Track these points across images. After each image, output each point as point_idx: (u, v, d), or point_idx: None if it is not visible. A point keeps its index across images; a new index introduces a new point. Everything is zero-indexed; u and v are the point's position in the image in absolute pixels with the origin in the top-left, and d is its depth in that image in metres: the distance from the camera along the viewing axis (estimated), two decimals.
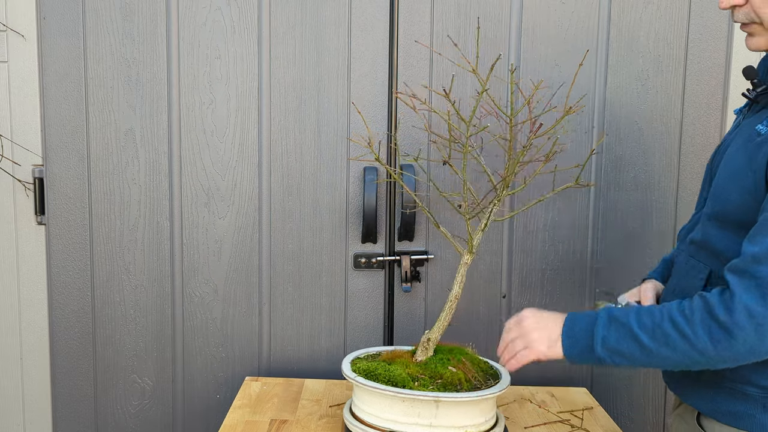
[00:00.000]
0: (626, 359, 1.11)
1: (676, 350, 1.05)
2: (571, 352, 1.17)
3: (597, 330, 1.13)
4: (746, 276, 1.00)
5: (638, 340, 1.08)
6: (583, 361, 1.17)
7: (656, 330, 1.07)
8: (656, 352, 1.07)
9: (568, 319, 1.19)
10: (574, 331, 1.17)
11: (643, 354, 1.09)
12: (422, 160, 1.81)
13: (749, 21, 1.14)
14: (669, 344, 1.05)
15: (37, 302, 1.88)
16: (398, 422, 1.34)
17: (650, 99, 1.81)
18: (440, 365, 1.39)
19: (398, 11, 1.77)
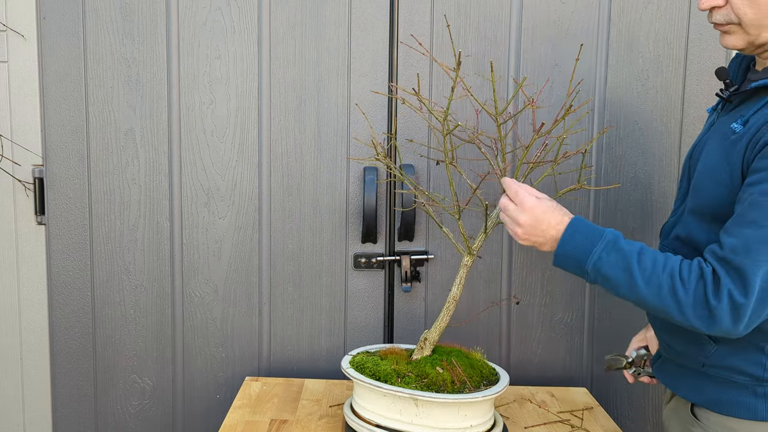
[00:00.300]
0: (609, 285, 1.15)
1: (661, 301, 1.10)
2: (561, 258, 1.19)
3: (597, 247, 1.15)
4: (729, 266, 1.06)
5: (632, 276, 1.12)
6: (566, 266, 1.20)
7: (653, 276, 1.10)
8: (642, 293, 1.11)
9: (570, 229, 1.19)
10: (572, 244, 1.18)
11: (628, 289, 1.13)
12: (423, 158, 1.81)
13: (727, 22, 1.17)
14: (658, 294, 1.10)
15: (37, 302, 1.88)
16: (383, 417, 1.35)
17: (650, 99, 1.81)
18: (429, 365, 1.38)
19: (398, 11, 1.77)
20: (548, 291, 1.85)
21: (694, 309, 1.07)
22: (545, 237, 1.22)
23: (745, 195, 1.08)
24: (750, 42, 1.15)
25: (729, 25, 1.16)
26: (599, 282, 1.16)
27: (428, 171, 1.81)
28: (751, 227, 1.05)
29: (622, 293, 1.14)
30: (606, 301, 1.85)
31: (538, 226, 1.22)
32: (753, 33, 1.14)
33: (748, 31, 1.14)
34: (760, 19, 1.12)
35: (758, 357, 1.15)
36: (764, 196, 1.04)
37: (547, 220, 1.21)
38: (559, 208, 1.23)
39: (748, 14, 1.13)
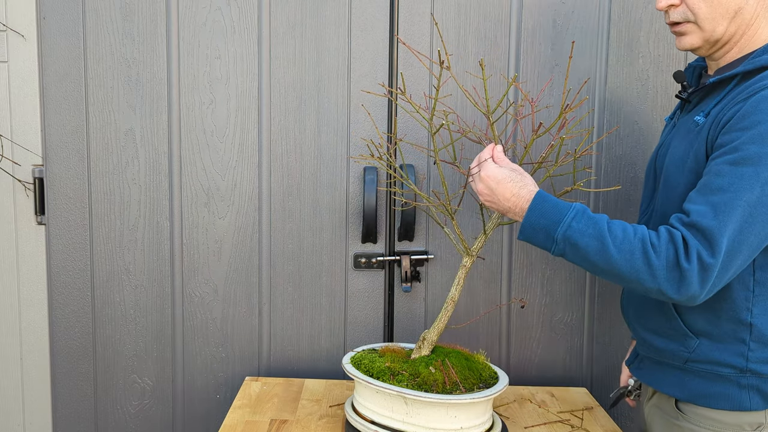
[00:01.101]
0: (578, 254, 1.14)
1: (632, 267, 1.10)
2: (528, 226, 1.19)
3: (567, 216, 1.15)
4: (695, 230, 1.08)
5: (603, 243, 1.11)
6: (533, 237, 1.19)
7: (624, 243, 1.11)
8: (614, 259, 1.10)
9: (537, 199, 1.20)
10: (542, 209, 1.18)
11: (599, 256, 1.12)
12: (423, 158, 1.81)
13: (684, 20, 1.22)
14: (630, 260, 1.10)
15: (37, 302, 1.88)
16: (377, 414, 1.36)
17: (650, 99, 1.81)
18: (423, 365, 1.38)
19: (398, 11, 1.77)
20: (548, 291, 1.85)
21: (666, 272, 1.08)
22: (502, 207, 1.24)
23: (708, 167, 1.12)
24: (706, 39, 1.21)
25: (685, 24, 1.22)
26: (566, 251, 1.16)
27: (428, 171, 1.81)
28: (716, 194, 1.08)
29: (591, 260, 1.13)
30: (606, 301, 1.85)
31: (494, 195, 1.25)
32: (708, 29, 1.19)
33: (702, 27, 1.20)
34: (713, 14, 1.18)
35: (740, 348, 1.18)
36: (727, 165, 1.09)
37: (502, 191, 1.24)
38: (519, 179, 1.24)
39: (702, 9, 1.19)
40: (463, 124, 1.76)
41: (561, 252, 1.17)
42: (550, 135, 1.74)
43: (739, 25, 1.19)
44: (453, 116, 1.76)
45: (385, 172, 1.79)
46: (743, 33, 1.20)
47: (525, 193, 1.22)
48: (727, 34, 1.20)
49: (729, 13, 1.18)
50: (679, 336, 1.24)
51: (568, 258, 1.17)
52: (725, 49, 1.23)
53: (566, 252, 1.16)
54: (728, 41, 1.21)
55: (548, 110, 1.78)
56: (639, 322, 1.34)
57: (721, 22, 1.19)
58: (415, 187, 1.51)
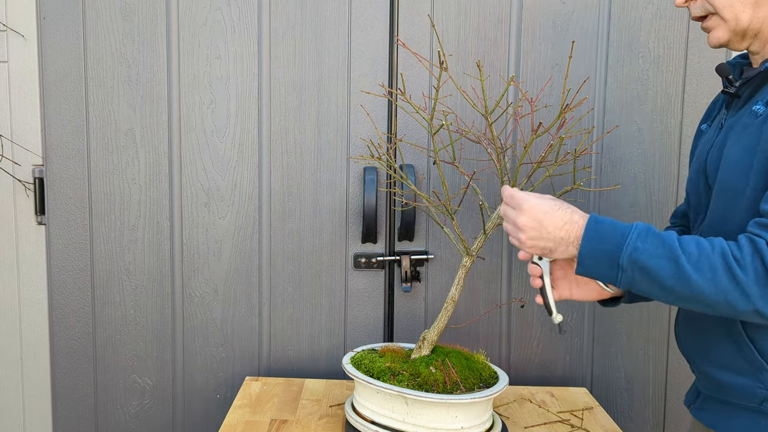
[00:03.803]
0: (650, 280, 0.98)
1: (717, 286, 0.94)
2: (587, 257, 1.03)
3: (631, 236, 1.00)
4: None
5: (677, 263, 0.95)
6: (595, 267, 1.03)
7: (701, 259, 0.95)
8: (694, 281, 0.95)
9: (592, 223, 1.05)
10: (600, 231, 1.03)
11: (676, 279, 0.96)
12: (423, 158, 1.81)
13: (706, 13, 1.14)
14: (713, 279, 0.94)
15: (37, 302, 1.88)
16: (378, 414, 1.36)
17: (650, 99, 1.81)
18: (424, 365, 1.38)
19: (398, 11, 1.77)
20: None
21: (758, 287, 0.92)
22: (554, 239, 1.07)
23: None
24: (732, 30, 1.11)
25: (709, 17, 1.13)
26: (636, 278, 0.99)
27: (428, 171, 1.81)
28: None
29: (667, 286, 0.97)
30: None
31: (542, 228, 1.08)
32: (730, 18, 1.10)
33: (724, 17, 1.10)
34: (731, 1, 1.09)
35: None
36: None
37: (552, 220, 1.08)
38: (566, 206, 1.09)
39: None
40: (463, 124, 1.76)
41: (630, 280, 1.00)
42: (549, 135, 1.74)
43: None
44: (452, 116, 1.76)
45: (385, 172, 1.79)
46: None
47: (578, 218, 1.06)
48: (755, 21, 1.09)
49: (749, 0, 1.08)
50: (754, 370, 1.04)
51: (640, 288, 1.00)
52: (762, 38, 1.11)
53: (635, 280, 0.99)
54: (761, 30, 1.10)
55: (548, 110, 1.78)
56: (701, 354, 1.15)
57: (744, 9, 1.08)
58: (415, 188, 1.51)
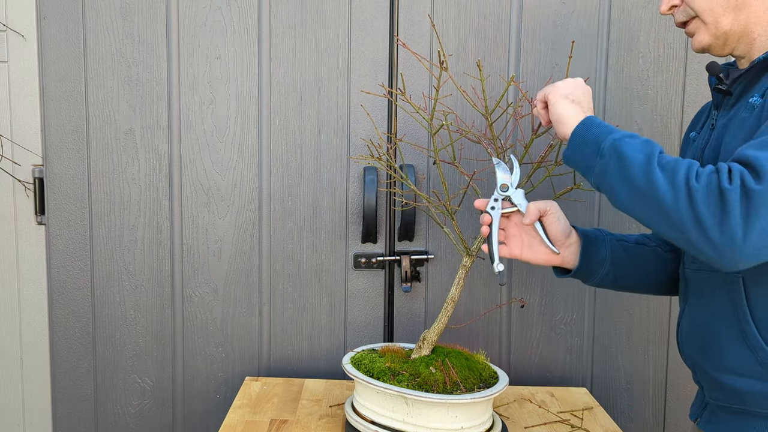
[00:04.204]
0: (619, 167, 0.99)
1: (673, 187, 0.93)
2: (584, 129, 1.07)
3: (621, 132, 1.04)
4: (741, 162, 0.92)
5: (650, 158, 0.97)
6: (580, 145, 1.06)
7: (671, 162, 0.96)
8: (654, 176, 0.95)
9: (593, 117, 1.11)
10: (600, 121, 1.08)
11: (640, 171, 0.96)
12: (423, 158, 1.81)
13: (688, 18, 1.16)
14: (672, 180, 0.94)
15: (37, 302, 1.88)
16: (378, 414, 1.36)
17: (650, 99, 1.81)
18: (424, 365, 1.38)
19: (398, 11, 1.77)
20: (548, 291, 1.85)
21: (705, 194, 0.90)
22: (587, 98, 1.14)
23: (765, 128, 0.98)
24: (713, 35, 1.12)
25: (691, 21, 1.15)
26: (610, 162, 1.00)
27: (428, 171, 1.81)
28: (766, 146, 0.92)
29: (631, 175, 0.97)
30: (606, 301, 1.85)
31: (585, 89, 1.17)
32: (710, 21, 1.11)
33: (704, 20, 1.12)
34: (710, 5, 1.11)
35: None
36: None
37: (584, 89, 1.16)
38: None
39: (697, 2, 1.12)
40: (463, 124, 1.76)
41: (604, 166, 1.01)
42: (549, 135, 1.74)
43: (750, 14, 1.09)
44: (452, 116, 1.76)
45: (385, 172, 1.79)
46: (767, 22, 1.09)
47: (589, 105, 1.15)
48: (736, 25, 1.10)
49: (728, 3, 1.10)
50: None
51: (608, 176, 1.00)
52: (746, 42, 1.12)
53: (609, 165, 1.00)
54: (744, 33, 1.11)
55: None
56: (710, 361, 1.10)
57: (724, 14, 1.10)
58: (415, 188, 1.51)
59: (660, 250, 1.32)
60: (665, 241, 1.34)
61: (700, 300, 1.15)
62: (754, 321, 1.04)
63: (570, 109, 1.12)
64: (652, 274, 1.32)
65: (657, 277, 1.33)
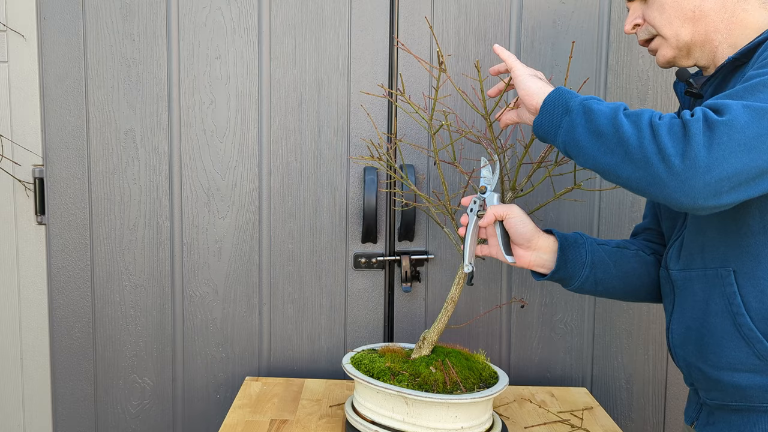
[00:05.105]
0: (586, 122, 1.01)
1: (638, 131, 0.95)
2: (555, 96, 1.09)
3: (589, 96, 1.07)
4: (705, 107, 0.93)
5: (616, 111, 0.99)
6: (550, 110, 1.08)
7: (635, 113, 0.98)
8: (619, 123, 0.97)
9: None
10: (565, 89, 1.10)
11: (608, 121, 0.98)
12: (423, 158, 1.81)
13: (650, 36, 1.19)
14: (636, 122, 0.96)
15: (37, 302, 1.88)
16: (378, 414, 1.36)
17: (650, 100, 1.81)
18: (424, 365, 1.38)
19: (398, 11, 1.77)
20: (548, 291, 1.85)
21: (668, 129, 0.92)
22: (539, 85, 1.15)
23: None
24: (675, 47, 1.15)
25: (652, 40, 1.19)
26: (578, 118, 1.03)
27: (428, 171, 1.81)
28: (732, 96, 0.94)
29: (597, 127, 0.99)
30: (606, 301, 1.85)
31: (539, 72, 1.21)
32: (669, 35, 1.14)
33: (664, 35, 1.15)
34: (668, 19, 1.13)
35: None
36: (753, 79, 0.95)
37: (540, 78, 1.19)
38: None
39: (656, 17, 1.15)
40: (463, 124, 1.76)
41: (571, 122, 1.03)
42: None
43: (708, 24, 1.11)
44: (452, 117, 1.76)
45: (385, 172, 1.79)
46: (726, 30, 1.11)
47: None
48: (697, 36, 1.13)
49: (686, 15, 1.12)
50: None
51: (575, 132, 1.03)
52: (708, 50, 1.14)
53: (576, 121, 1.02)
54: (705, 42, 1.13)
55: None
56: (707, 360, 1.09)
57: (682, 26, 1.12)
58: (415, 188, 1.51)
59: (642, 254, 1.33)
60: (647, 245, 1.36)
61: (689, 300, 1.14)
62: (748, 313, 1.03)
63: (539, 83, 1.15)
64: (634, 277, 1.32)
65: (639, 281, 1.32)
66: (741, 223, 1.04)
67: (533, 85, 1.14)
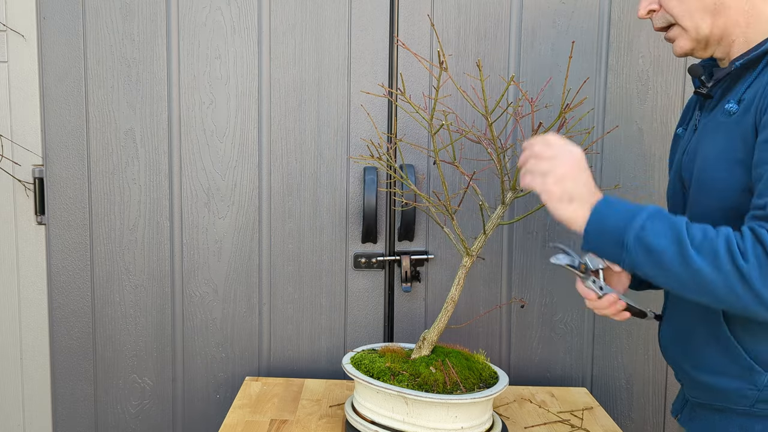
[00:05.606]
0: (652, 262, 0.97)
1: (719, 271, 0.93)
2: (595, 228, 1.02)
3: (639, 216, 0.99)
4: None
5: (681, 245, 0.95)
6: (599, 243, 1.03)
7: (705, 242, 0.94)
8: (694, 266, 0.94)
9: (607, 198, 1.05)
10: (610, 211, 1.02)
11: (677, 263, 0.95)
12: (423, 158, 1.81)
13: (667, 24, 1.15)
14: (715, 263, 0.93)
15: (37, 302, 1.88)
16: (378, 414, 1.36)
17: (650, 99, 1.81)
18: (424, 365, 1.38)
19: (398, 11, 1.77)
20: (548, 291, 1.85)
21: (759, 272, 0.90)
22: (581, 188, 1.04)
23: (763, 155, 0.97)
24: (694, 39, 1.12)
25: (671, 28, 1.15)
26: (640, 259, 0.98)
27: (428, 171, 1.81)
28: None
29: (670, 268, 0.96)
30: None
31: (579, 170, 1.05)
32: (689, 27, 1.11)
33: (684, 26, 1.12)
34: (689, 11, 1.10)
35: None
36: None
37: (586, 169, 1.06)
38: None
39: (676, 7, 1.12)
40: (463, 124, 1.76)
41: (632, 260, 0.99)
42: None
43: (729, 17, 1.09)
44: (452, 116, 1.76)
45: (385, 172, 1.79)
46: (745, 23, 1.09)
47: (595, 188, 1.06)
48: (716, 29, 1.10)
49: (707, 7, 1.09)
50: (743, 371, 1.05)
51: (642, 268, 0.99)
52: (725, 44, 1.12)
53: (638, 259, 0.98)
54: (723, 36, 1.11)
55: (548, 110, 1.78)
56: (689, 361, 1.14)
57: (703, 18, 1.10)
58: (415, 188, 1.50)
59: None
60: None
61: (679, 303, 1.18)
62: (726, 322, 1.07)
63: (569, 211, 1.06)
64: None
65: None
66: None
67: (566, 215, 1.06)
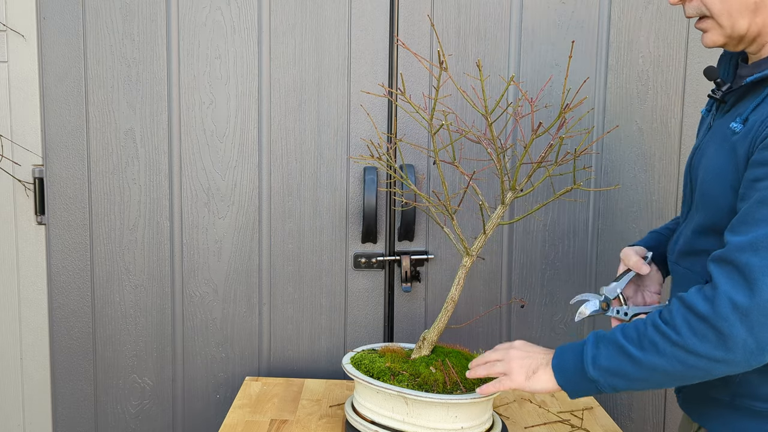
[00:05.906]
0: (621, 378, 1.06)
1: (666, 356, 1.00)
2: (564, 379, 1.13)
3: (586, 351, 1.09)
4: (729, 265, 0.96)
5: (627, 353, 1.03)
6: (578, 388, 1.12)
7: (642, 339, 1.02)
8: (647, 363, 1.02)
9: (558, 350, 1.16)
10: (564, 359, 1.13)
11: (636, 368, 1.03)
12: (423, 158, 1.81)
13: (699, 14, 1.12)
14: (658, 351, 1.00)
15: (37, 302, 1.88)
16: (378, 414, 1.36)
17: (650, 99, 1.81)
18: (424, 365, 1.38)
19: (398, 11, 1.77)
20: (548, 291, 1.85)
21: (696, 338, 0.96)
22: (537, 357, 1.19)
23: (750, 192, 0.98)
24: (727, 35, 1.09)
25: (703, 19, 1.11)
26: (609, 380, 1.07)
27: (428, 171, 1.81)
28: (760, 225, 0.94)
29: (637, 376, 1.04)
30: None
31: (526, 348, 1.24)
32: (726, 24, 1.08)
33: (720, 22, 1.08)
34: (729, 9, 1.07)
35: None
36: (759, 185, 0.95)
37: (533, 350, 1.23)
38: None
39: (716, 4, 1.08)
40: (463, 124, 1.76)
41: (609, 385, 1.07)
42: (549, 135, 1.74)
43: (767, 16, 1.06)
44: (452, 116, 1.76)
45: (385, 172, 1.79)
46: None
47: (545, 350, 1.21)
48: (753, 27, 1.07)
49: (748, 7, 1.05)
50: None
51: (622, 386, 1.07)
52: (759, 42, 1.09)
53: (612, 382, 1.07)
54: (759, 35, 1.08)
55: (548, 110, 1.78)
56: None
57: (742, 16, 1.06)
58: (415, 188, 1.50)
59: None
60: None
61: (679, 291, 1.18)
62: None
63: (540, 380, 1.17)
64: None
65: None
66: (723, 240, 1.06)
67: (538, 384, 1.17)
